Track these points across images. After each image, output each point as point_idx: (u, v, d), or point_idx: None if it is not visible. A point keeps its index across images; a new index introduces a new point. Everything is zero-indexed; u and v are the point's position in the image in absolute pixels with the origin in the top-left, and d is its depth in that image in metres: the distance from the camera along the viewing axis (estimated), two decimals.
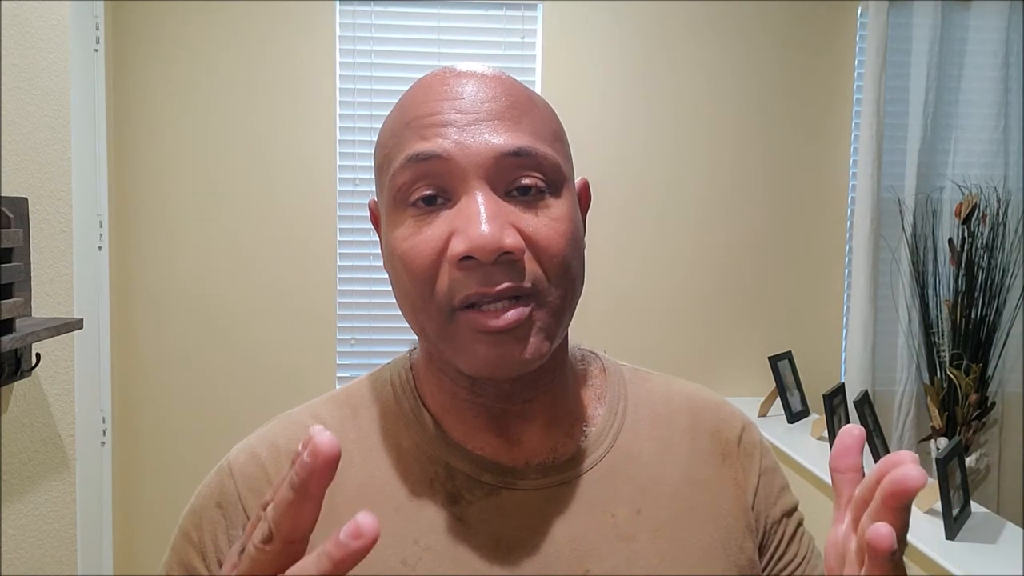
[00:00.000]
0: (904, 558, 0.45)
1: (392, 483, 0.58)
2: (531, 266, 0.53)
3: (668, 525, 0.59)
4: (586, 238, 0.60)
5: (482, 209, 0.51)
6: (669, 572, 0.58)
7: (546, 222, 0.54)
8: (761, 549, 0.65)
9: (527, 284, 0.53)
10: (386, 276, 0.59)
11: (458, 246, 0.51)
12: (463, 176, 0.52)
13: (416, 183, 0.53)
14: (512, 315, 0.52)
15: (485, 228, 0.50)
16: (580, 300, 0.59)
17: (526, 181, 0.54)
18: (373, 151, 0.61)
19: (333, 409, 0.63)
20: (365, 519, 0.33)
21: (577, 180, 0.62)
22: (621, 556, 0.57)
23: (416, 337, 0.61)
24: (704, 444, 0.65)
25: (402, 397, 0.62)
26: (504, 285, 0.52)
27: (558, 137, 0.58)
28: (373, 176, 0.61)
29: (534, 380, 0.58)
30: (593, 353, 0.69)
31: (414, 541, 0.55)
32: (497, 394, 0.58)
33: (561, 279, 0.55)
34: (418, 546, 0.55)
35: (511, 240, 0.52)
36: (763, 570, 0.65)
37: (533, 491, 0.58)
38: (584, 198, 0.63)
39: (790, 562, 0.66)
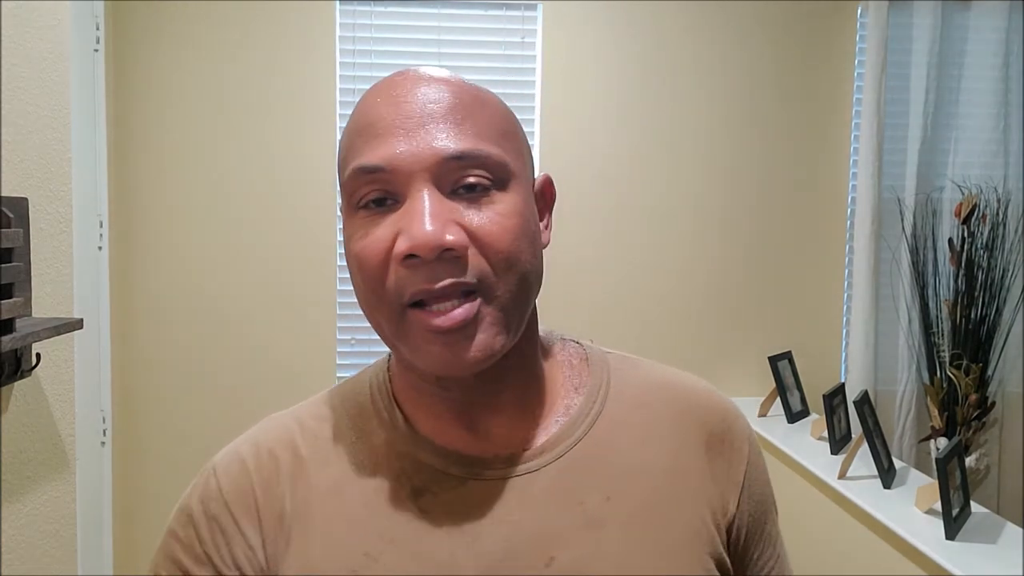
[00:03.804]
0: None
1: (362, 479, 0.60)
2: (476, 261, 0.54)
3: (643, 511, 0.60)
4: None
5: (426, 208, 0.53)
6: (639, 558, 0.58)
7: (491, 217, 0.55)
8: (745, 545, 0.66)
9: (471, 280, 0.54)
10: None
11: (401, 244, 0.53)
12: (408, 180, 0.55)
13: (364, 188, 0.56)
14: (459, 313, 0.54)
15: (427, 226, 0.53)
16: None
17: (471, 179, 0.55)
18: None
19: (313, 410, 0.65)
20: None
21: (539, 176, 0.64)
22: (588, 542, 0.58)
23: None
24: (690, 433, 0.65)
25: (377, 396, 0.64)
26: (447, 281, 0.53)
27: (507, 135, 0.59)
28: None
29: (499, 373, 0.59)
30: (577, 342, 0.70)
31: (379, 535, 0.57)
32: (462, 387, 0.59)
33: (508, 272, 0.56)
34: (382, 539, 0.57)
35: (453, 237, 0.53)
36: (747, 566, 0.66)
37: (500, 480, 0.59)
38: (548, 194, 0.65)
39: (768, 560, 0.68)
